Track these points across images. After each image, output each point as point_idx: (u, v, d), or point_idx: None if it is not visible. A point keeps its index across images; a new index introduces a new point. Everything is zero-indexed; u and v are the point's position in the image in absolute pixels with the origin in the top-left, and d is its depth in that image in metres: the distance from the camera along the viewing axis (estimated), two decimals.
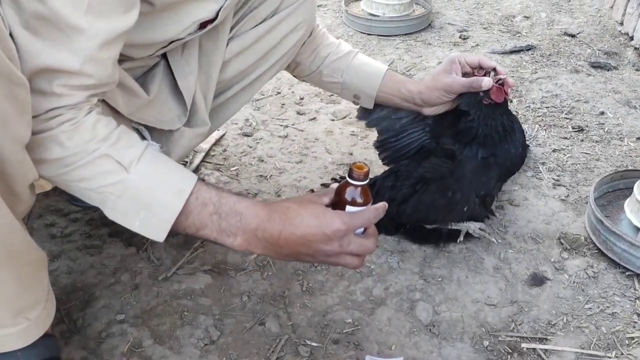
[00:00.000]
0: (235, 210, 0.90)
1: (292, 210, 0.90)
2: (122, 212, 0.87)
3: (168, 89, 1.12)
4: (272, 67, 1.27)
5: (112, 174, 0.84)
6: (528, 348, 1.14)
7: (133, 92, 1.03)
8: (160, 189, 0.87)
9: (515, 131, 1.38)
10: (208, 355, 1.11)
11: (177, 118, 1.13)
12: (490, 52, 2.36)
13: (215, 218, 0.89)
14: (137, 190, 0.86)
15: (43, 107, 0.79)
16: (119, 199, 0.86)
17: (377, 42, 2.46)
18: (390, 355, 1.12)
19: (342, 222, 0.89)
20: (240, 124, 1.87)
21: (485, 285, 1.28)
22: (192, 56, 1.12)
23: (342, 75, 1.38)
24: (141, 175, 0.86)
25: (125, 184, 0.85)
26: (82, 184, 0.85)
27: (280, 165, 1.67)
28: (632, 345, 1.14)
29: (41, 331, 0.92)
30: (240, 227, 0.90)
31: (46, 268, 0.94)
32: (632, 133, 1.82)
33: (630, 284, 1.28)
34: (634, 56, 2.29)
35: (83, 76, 0.79)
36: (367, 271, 1.31)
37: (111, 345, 1.12)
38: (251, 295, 1.24)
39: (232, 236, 0.90)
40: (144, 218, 0.87)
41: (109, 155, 0.83)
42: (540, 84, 2.11)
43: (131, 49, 0.95)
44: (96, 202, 0.87)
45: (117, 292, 1.23)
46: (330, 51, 1.38)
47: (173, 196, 0.88)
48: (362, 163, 0.92)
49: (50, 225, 1.40)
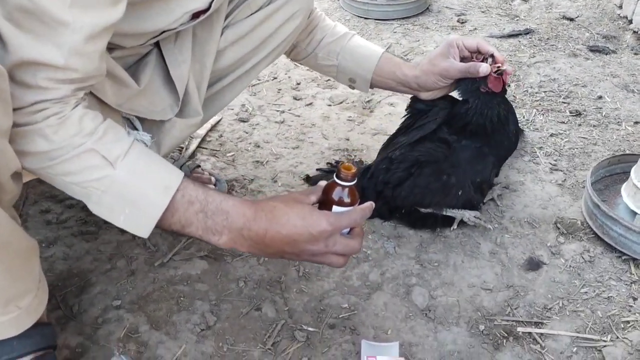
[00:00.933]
0: (222, 209, 0.90)
1: (278, 210, 0.91)
2: (107, 207, 0.87)
3: (160, 78, 1.10)
4: (268, 55, 1.25)
5: (98, 169, 0.84)
6: (524, 332, 1.14)
7: (123, 82, 1.00)
8: (147, 185, 0.87)
9: (509, 122, 1.38)
10: (204, 341, 1.11)
11: (169, 108, 1.11)
12: (488, 36, 2.34)
13: (202, 216, 0.89)
14: (123, 186, 0.86)
15: (28, 100, 0.78)
16: (104, 194, 0.85)
17: (374, 26, 2.44)
18: (386, 339, 1.12)
19: (328, 223, 0.90)
20: (237, 109, 1.86)
21: (481, 270, 1.28)
22: (185, 45, 1.10)
23: (337, 57, 1.37)
24: (127, 171, 0.85)
25: (111, 179, 0.84)
26: (67, 177, 0.84)
27: (277, 150, 1.67)
28: (627, 328, 1.15)
29: (33, 319, 0.91)
30: (226, 226, 0.90)
31: (37, 256, 0.93)
32: (630, 117, 1.81)
33: (626, 268, 1.28)
34: (632, 40, 2.28)
35: (68, 70, 0.78)
36: (363, 256, 1.31)
37: (107, 331, 1.12)
38: (247, 281, 1.24)
39: (218, 234, 0.91)
40: (129, 214, 0.87)
41: (94, 150, 0.83)
42: (538, 68, 2.09)
43: (121, 38, 0.93)
44: (81, 196, 0.87)
45: (113, 278, 1.23)
46: (326, 34, 1.37)
47: (159, 193, 0.87)
48: (350, 164, 0.91)
49: (46, 211, 1.40)
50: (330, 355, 1.09)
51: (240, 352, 1.09)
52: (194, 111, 1.15)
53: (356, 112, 1.85)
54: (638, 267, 1.28)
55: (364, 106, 1.88)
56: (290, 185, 1.53)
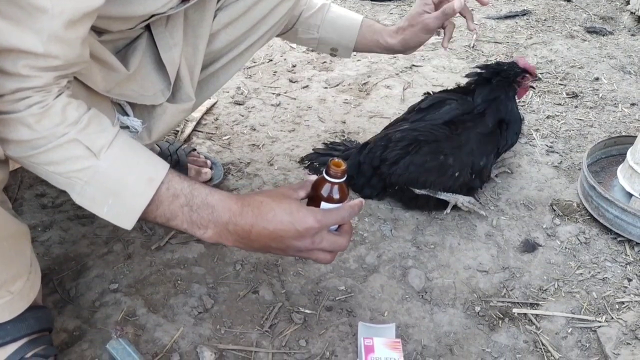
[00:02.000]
0: (207, 202, 0.89)
1: (265, 205, 0.90)
2: (90, 198, 0.85)
3: (151, 62, 1.07)
4: (262, 37, 1.24)
5: (81, 160, 0.82)
6: (519, 313, 1.15)
7: (111, 66, 0.98)
8: (131, 176, 0.86)
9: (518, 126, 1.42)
10: (202, 324, 1.12)
11: (160, 92, 1.09)
12: (485, 17, 2.33)
13: (187, 210, 0.88)
14: (107, 177, 0.84)
15: (8, 87, 0.76)
16: (88, 185, 0.84)
17: (370, 7, 2.42)
18: (382, 321, 1.13)
19: (315, 220, 0.89)
20: (232, 92, 1.85)
21: (477, 252, 1.28)
22: (177, 28, 1.08)
23: (317, 30, 1.37)
24: (111, 162, 0.84)
25: (94, 169, 0.83)
26: (50, 167, 0.83)
27: (273, 134, 1.66)
28: (622, 309, 1.16)
29: (26, 303, 0.91)
30: (211, 220, 0.89)
31: (28, 240, 0.92)
32: (627, 99, 1.81)
33: (621, 250, 1.29)
34: (629, 21, 2.27)
35: (49, 58, 0.76)
36: (360, 239, 1.31)
37: (105, 314, 1.13)
38: (244, 264, 1.24)
39: (203, 228, 0.90)
40: (112, 205, 0.86)
41: (77, 140, 0.81)
42: (535, 50, 2.09)
43: (109, 22, 0.90)
44: (64, 186, 0.85)
45: (110, 262, 1.23)
46: (303, 8, 1.36)
47: (143, 184, 0.86)
48: (340, 160, 0.91)
49: (41, 195, 1.39)
50: (328, 337, 1.10)
51: (238, 335, 1.09)
52: (186, 96, 1.13)
53: (352, 95, 1.84)
54: (633, 248, 1.29)
55: (360, 89, 1.87)
56: (286, 168, 1.52)
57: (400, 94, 1.84)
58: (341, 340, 1.09)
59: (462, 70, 1.98)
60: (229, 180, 1.47)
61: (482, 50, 2.10)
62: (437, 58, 2.05)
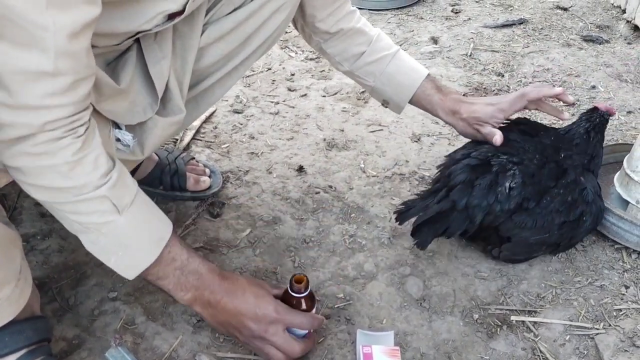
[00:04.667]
0: (197, 270, 0.97)
1: (239, 284, 1.00)
2: (101, 247, 0.90)
3: (141, 77, 1.05)
4: (256, 51, 1.21)
5: (106, 214, 0.87)
6: (517, 320, 1.15)
7: (102, 82, 0.95)
8: (144, 234, 0.92)
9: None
10: (201, 332, 1.12)
11: (149, 106, 1.06)
12: (482, 26, 2.34)
13: (178, 273, 0.95)
14: (123, 233, 0.89)
15: (37, 123, 0.77)
16: (103, 236, 0.88)
17: (368, 16, 2.44)
18: (381, 329, 1.13)
19: (275, 310, 0.97)
20: (231, 100, 1.86)
21: (475, 260, 1.29)
22: (165, 41, 1.06)
23: (374, 80, 1.33)
24: (130, 219, 0.89)
25: (114, 225, 0.88)
26: (73, 216, 0.87)
27: (272, 142, 1.67)
28: (619, 317, 1.16)
29: (14, 310, 0.90)
30: (194, 285, 0.97)
31: (18, 247, 0.92)
32: (623, 107, 1.82)
33: (618, 257, 1.29)
34: (626, 29, 2.28)
35: (60, 76, 0.75)
36: (358, 247, 1.32)
37: (104, 322, 1.13)
38: (243, 272, 1.25)
39: (185, 291, 0.97)
40: (121, 257, 0.91)
41: (107, 197, 0.85)
42: (532, 58, 2.10)
43: (95, 38, 0.86)
44: (77, 232, 0.89)
45: (108, 270, 1.20)
46: (365, 51, 1.32)
47: (153, 244, 0.92)
48: (301, 274, 1.01)
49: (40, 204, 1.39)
50: (326, 345, 1.10)
51: (237, 343, 1.09)
52: (176, 108, 1.11)
53: (351, 103, 1.85)
54: (630, 255, 1.29)
55: (359, 97, 1.88)
56: (285, 176, 1.53)
57: None
58: (340, 348, 1.09)
59: (460, 78, 1.99)
60: (227, 189, 1.48)
61: (479, 59, 2.11)
62: (435, 67, 2.06)
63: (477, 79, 1.98)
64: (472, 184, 1.19)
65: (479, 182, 1.18)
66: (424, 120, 1.75)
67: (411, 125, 1.74)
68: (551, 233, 1.22)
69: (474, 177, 1.19)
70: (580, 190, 1.23)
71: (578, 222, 1.23)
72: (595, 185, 1.27)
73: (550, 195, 1.21)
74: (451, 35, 2.29)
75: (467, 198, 1.17)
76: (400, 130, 1.72)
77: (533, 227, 1.20)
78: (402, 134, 1.70)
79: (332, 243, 1.33)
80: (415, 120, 1.75)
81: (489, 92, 1.91)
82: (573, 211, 1.22)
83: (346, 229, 1.37)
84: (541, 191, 1.21)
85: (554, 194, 1.21)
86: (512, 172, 1.19)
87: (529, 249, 1.25)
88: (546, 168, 1.23)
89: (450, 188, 1.20)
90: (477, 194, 1.17)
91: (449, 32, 2.31)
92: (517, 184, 1.18)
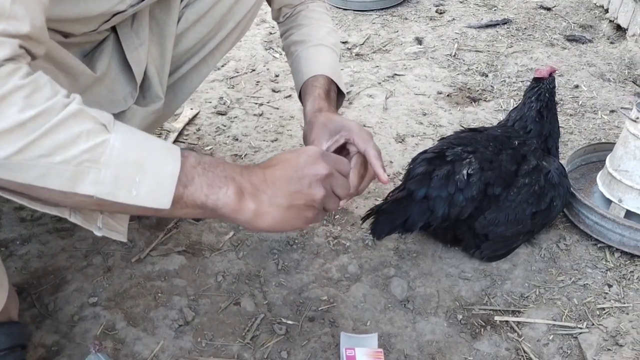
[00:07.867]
0: (216, 161, 0.79)
1: (267, 161, 0.84)
2: (112, 183, 0.69)
3: (119, 65, 1.03)
4: (231, 33, 1.20)
5: (92, 135, 0.67)
6: (501, 321, 1.15)
7: (77, 70, 0.92)
8: (151, 144, 0.72)
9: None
10: (183, 336, 1.10)
11: (129, 94, 1.04)
12: (466, 27, 2.35)
13: (200, 169, 0.75)
14: (125, 150, 0.69)
15: None
16: (106, 166, 0.68)
17: (353, 17, 2.44)
18: (365, 331, 1.12)
19: (318, 148, 0.85)
20: (215, 102, 1.84)
21: (459, 260, 1.28)
22: (142, 27, 1.04)
23: (291, 62, 1.29)
24: (124, 135, 0.70)
25: (109, 146, 0.68)
26: (57, 156, 0.65)
27: (255, 144, 1.66)
28: (602, 315, 1.16)
29: None
30: (227, 176, 0.77)
31: None
32: (606, 106, 1.83)
33: (601, 256, 1.30)
34: (609, 29, 2.30)
35: (15, 20, 0.64)
36: (342, 248, 1.31)
37: (84, 328, 1.11)
38: (226, 275, 1.23)
39: (225, 186, 0.77)
40: (141, 182, 0.70)
41: (84, 111, 0.67)
42: (515, 58, 2.11)
43: (70, 25, 0.84)
44: (70, 183, 0.67)
45: (89, 275, 1.22)
46: (294, 32, 1.28)
47: (165, 149, 0.73)
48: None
49: (20, 208, 1.37)
50: (310, 348, 1.09)
51: (219, 347, 1.08)
52: (155, 96, 1.07)
53: None
54: (613, 254, 1.30)
55: None
56: None
57: (382, 103, 1.85)
58: (323, 351, 1.08)
59: (444, 79, 1.99)
60: None
61: (463, 59, 2.12)
62: (419, 67, 2.06)
63: (461, 79, 1.98)
64: (429, 175, 1.19)
65: (436, 174, 1.19)
66: (409, 121, 1.75)
67: (395, 126, 1.73)
68: (524, 224, 1.23)
69: (431, 168, 1.20)
70: (545, 175, 1.25)
71: (550, 208, 1.25)
72: (558, 167, 1.28)
73: (517, 186, 1.22)
74: (435, 35, 2.29)
75: (426, 189, 1.17)
76: (384, 131, 1.71)
77: (506, 221, 1.21)
78: (387, 134, 1.70)
79: (316, 245, 1.32)
80: (400, 121, 1.75)
81: (473, 91, 1.91)
82: (543, 199, 1.24)
83: (330, 230, 1.36)
84: (504, 177, 1.22)
85: (520, 184, 1.23)
86: (468, 160, 1.20)
87: (507, 242, 1.26)
88: (504, 154, 1.24)
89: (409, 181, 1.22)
90: (436, 185, 1.17)
91: (433, 32, 2.32)
92: (474, 170, 1.18)
